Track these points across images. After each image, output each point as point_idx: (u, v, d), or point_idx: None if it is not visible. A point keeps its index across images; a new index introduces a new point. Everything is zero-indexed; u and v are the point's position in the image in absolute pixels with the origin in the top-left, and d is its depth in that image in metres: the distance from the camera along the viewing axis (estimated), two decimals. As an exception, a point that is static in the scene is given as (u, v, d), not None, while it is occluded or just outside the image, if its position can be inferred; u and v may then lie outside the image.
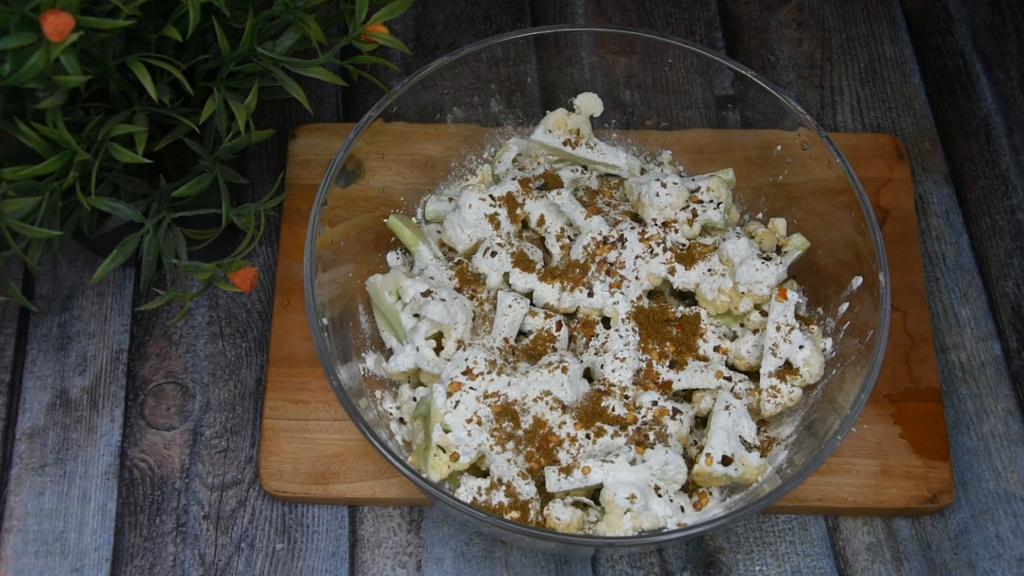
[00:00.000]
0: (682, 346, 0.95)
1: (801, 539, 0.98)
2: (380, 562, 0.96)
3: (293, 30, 0.86)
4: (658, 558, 0.97)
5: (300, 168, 1.10)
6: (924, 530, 0.98)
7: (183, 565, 0.95)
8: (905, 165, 1.12)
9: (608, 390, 0.92)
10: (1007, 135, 1.19)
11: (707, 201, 1.00)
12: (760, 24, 1.26)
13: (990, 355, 1.07)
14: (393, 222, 1.02)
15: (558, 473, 0.87)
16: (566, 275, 0.97)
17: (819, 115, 1.20)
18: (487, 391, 0.89)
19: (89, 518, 0.97)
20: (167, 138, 0.89)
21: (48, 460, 0.99)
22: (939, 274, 1.11)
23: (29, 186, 0.81)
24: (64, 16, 0.68)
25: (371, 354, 0.97)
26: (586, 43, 1.05)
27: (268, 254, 1.09)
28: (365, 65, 0.94)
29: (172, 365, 1.04)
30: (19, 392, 1.02)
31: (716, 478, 0.89)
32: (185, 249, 0.89)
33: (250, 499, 0.98)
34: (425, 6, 1.25)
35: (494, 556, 0.96)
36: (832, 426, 0.87)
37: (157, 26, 0.84)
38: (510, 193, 1.01)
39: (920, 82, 1.22)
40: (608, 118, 1.10)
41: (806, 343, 0.93)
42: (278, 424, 0.98)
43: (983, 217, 1.15)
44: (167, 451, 1.00)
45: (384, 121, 0.98)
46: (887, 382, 1.01)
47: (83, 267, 1.08)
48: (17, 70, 0.69)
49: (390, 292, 0.97)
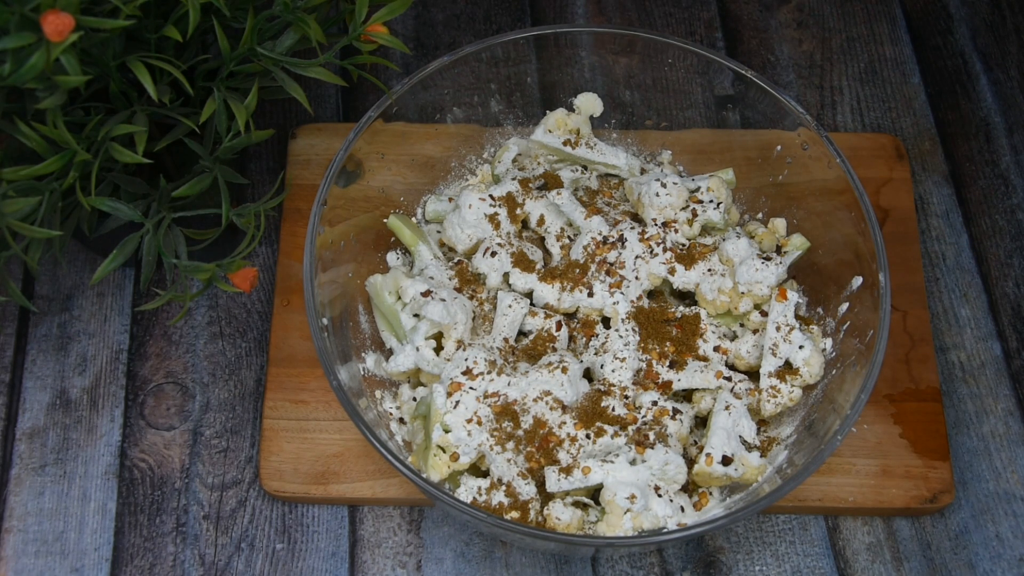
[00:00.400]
0: (682, 346, 0.95)
1: (801, 539, 0.98)
2: (380, 562, 0.96)
3: (293, 30, 0.86)
4: (658, 558, 0.97)
5: (300, 168, 1.10)
6: (924, 530, 0.98)
7: (183, 565, 0.95)
8: (905, 165, 1.12)
9: (608, 390, 0.92)
10: (1007, 135, 1.19)
11: (707, 201, 1.00)
12: (760, 24, 1.26)
13: (990, 355, 1.07)
14: (393, 222, 1.02)
15: (558, 473, 0.87)
16: (566, 275, 0.97)
17: (819, 115, 1.20)
18: (487, 391, 0.89)
19: (89, 518, 0.97)
20: (167, 138, 0.89)
21: (48, 460, 0.99)
22: (939, 274, 1.11)
23: (29, 186, 0.81)
24: (64, 16, 0.68)
25: (371, 354, 0.97)
26: (586, 43, 1.05)
27: (268, 254, 1.09)
28: (365, 65, 0.93)
29: (172, 365, 1.04)
30: (19, 392, 1.02)
31: (716, 478, 0.89)
32: (185, 249, 0.89)
33: (250, 499, 0.98)
34: (425, 6, 1.25)
35: (494, 556, 0.96)
36: (832, 426, 0.87)
37: (157, 26, 0.84)
38: (510, 193, 1.01)
39: (920, 82, 1.22)
40: (608, 118, 1.09)
41: (806, 343, 0.93)
42: (278, 424, 0.98)
43: (983, 217, 1.15)
44: (167, 451, 1.00)
45: (384, 121, 0.98)
46: (887, 382, 1.01)
47: (83, 267, 1.08)
48: (17, 70, 0.69)
49: (390, 292, 0.97)
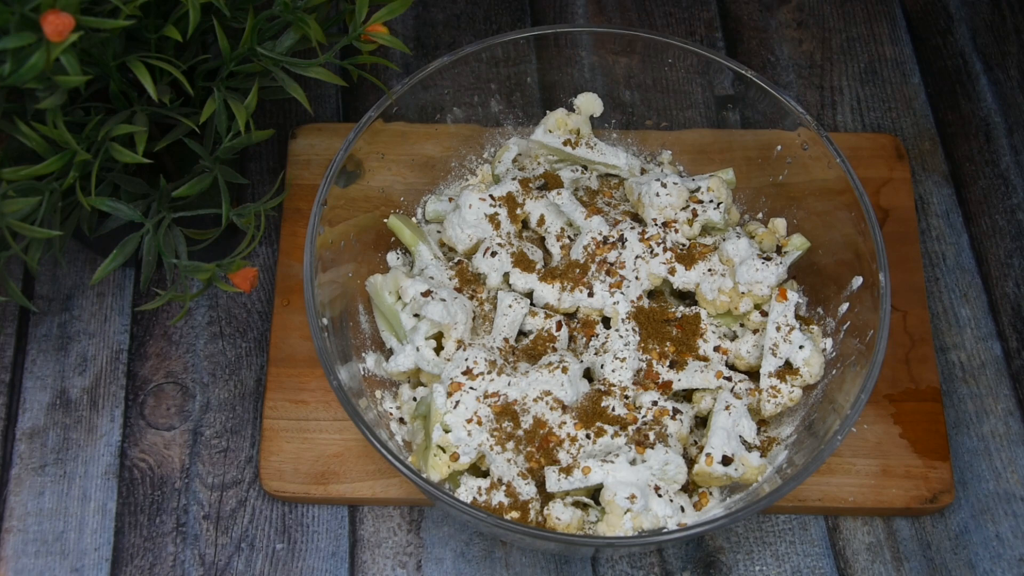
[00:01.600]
0: (682, 346, 0.95)
1: (801, 539, 0.98)
2: (380, 562, 0.96)
3: (293, 30, 0.86)
4: (658, 558, 0.97)
5: (300, 168, 1.10)
6: (924, 530, 0.98)
7: (183, 565, 0.95)
8: (905, 165, 1.12)
9: (608, 390, 0.92)
10: (1007, 135, 1.19)
11: (707, 201, 1.00)
12: (760, 24, 1.26)
13: (990, 355, 1.07)
14: (393, 222, 1.02)
15: (558, 473, 0.87)
16: (566, 275, 0.97)
17: (819, 115, 1.20)
18: (487, 391, 0.89)
19: (89, 518, 0.97)
20: (167, 138, 0.89)
21: (48, 460, 0.99)
22: (939, 274, 1.11)
23: (29, 186, 0.81)
24: (64, 16, 0.68)
25: (371, 354, 0.97)
26: (586, 43, 1.05)
27: (268, 254, 1.09)
28: (365, 65, 0.94)
29: (172, 365, 1.04)
30: (19, 392, 1.02)
31: (716, 478, 0.89)
32: (185, 249, 0.89)
33: (250, 499, 0.98)
34: (425, 6, 1.25)
35: (494, 556, 0.96)
36: (832, 426, 0.87)
37: (157, 26, 0.84)
38: (510, 193, 1.01)
39: (920, 82, 1.22)
40: (608, 118, 1.09)
41: (806, 343, 0.93)
42: (278, 424, 0.98)
43: (983, 217, 1.15)
44: (167, 451, 1.00)
45: (384, 121, 0.98)
46: (887, 382, 1.01)
47: (83, 267, 1.08)
48: (17, 70, 0.69)
49: (390, 292, 0.97)
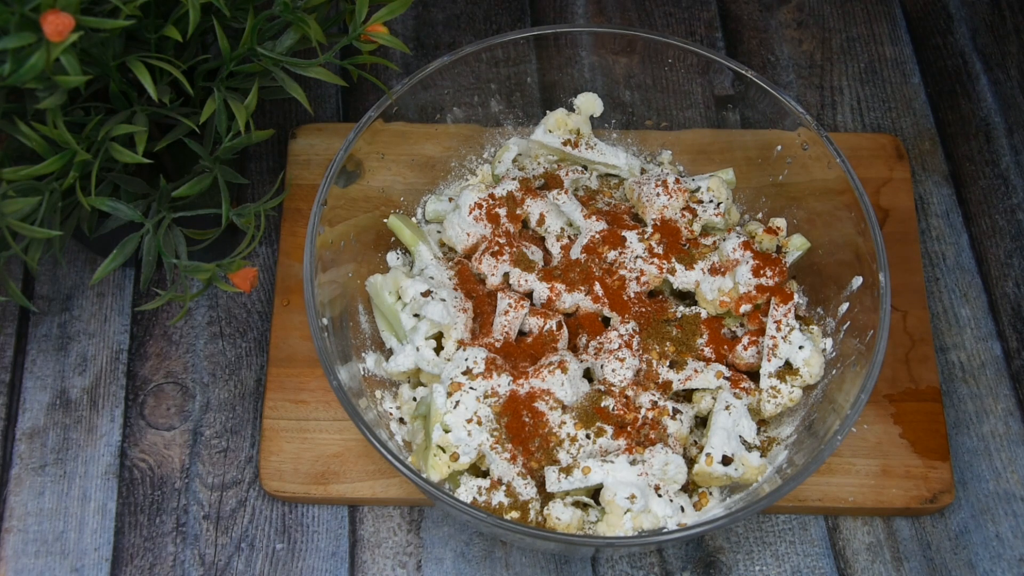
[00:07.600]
0: (682, 346, 0.95)
1: (801, 539, 0.98)
2: (380, 562, 0.96)
3: (293, 30, 0.86)
4: (658, 558, 0.97)
5: (300, 168, 1.10)
6: (924, 530, 0.98)
7: (183, 565, 0.95)
8: (905, 165, 1.12)
9: (608, 390, 0.92)
10: (1007, 135, 1.19)
11: (707, 201, 1.00)
12: (760, 24, 1.26)
13: (990, 355, 1.07)
14: (393, 222, 1.02)
15: (558, 473, 0.87)
16: (566, 275, 0.97)
17: (819, 115, 1.20)
18: (487, 391, 0.89)
19: (89, 518, 0.97)
20: (167, 138, 0.89)
21: (48, 460, 0.99)
22: (939, 274, 1.11)
23: (29, 186, 0.81)
24: (64, 16, 0.68)
25: (371, 354, 0.97)
26: (586, 43, 1.05)
27: (268, 254, 1.09)
28: (365, 65, 0.93)
29: (172, 365, 1.04)
30: (19, 392, 1.02)
31: (716, 478, 0.89)
32: (185, 249, 0.89)
33: (250, 499, 0.98)
34: (425, 6, 1.25)
35: (494, 556, 0.96)
36: (832, 426, 0.87)
37: (157, 26, 0.84)
38: (510, 193, 1.01)
39: (920, 82, 1.22)
40: (608, 118, 1.09)
41: (806, 343, 0.93)
42: (278, 424, 0.98)
43: (983, 217, 1.15)
44: (167, 451, 1.00)
45: (384, 121, 0.98)
46: (887, 382, 1.01)
47: (83, 267, 1.08)
48: (17, 70, 0.69)
49: (390, 292, 0.97)
